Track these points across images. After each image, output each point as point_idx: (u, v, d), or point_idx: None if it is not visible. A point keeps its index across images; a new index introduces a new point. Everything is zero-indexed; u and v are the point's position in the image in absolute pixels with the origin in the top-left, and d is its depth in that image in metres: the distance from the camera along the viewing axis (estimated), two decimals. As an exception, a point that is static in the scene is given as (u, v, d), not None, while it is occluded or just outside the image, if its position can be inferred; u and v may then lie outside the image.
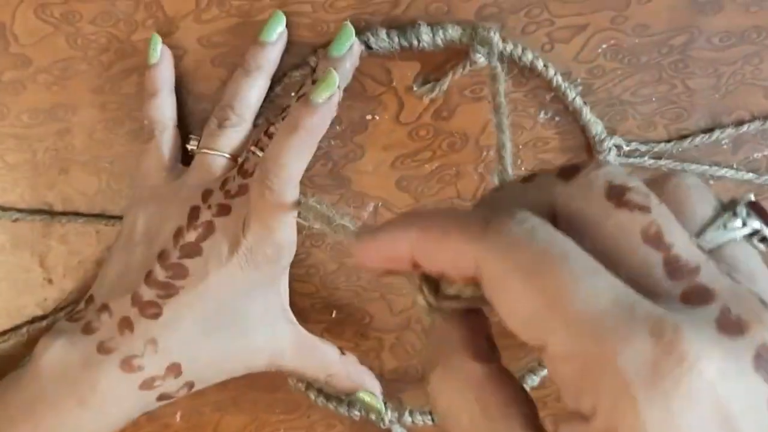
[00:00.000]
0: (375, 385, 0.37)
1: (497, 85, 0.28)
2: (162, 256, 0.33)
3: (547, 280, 0.15)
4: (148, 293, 0.32)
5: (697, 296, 0.16)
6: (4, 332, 0.38)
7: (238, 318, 0.33)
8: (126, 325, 0.32)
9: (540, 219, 0.17)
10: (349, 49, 0.33)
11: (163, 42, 0.35)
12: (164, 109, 0.35)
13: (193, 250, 0.32)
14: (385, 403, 0.37)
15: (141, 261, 0.33)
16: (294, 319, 0.35)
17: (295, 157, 0.31)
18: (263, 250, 0.32)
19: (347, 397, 0.37)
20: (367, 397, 0.36)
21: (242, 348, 0.33)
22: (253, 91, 0.35)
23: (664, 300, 0.16)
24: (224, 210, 0.32)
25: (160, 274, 0.32)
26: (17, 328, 0.38)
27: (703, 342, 0.15)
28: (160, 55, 0.34)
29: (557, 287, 0.15)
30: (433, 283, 0.19)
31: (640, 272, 0.16)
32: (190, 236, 0.32)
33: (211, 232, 0.32)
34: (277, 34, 0.34)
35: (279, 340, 0.34)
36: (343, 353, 0.36)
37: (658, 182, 0.19)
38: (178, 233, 0.33)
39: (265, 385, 0.39)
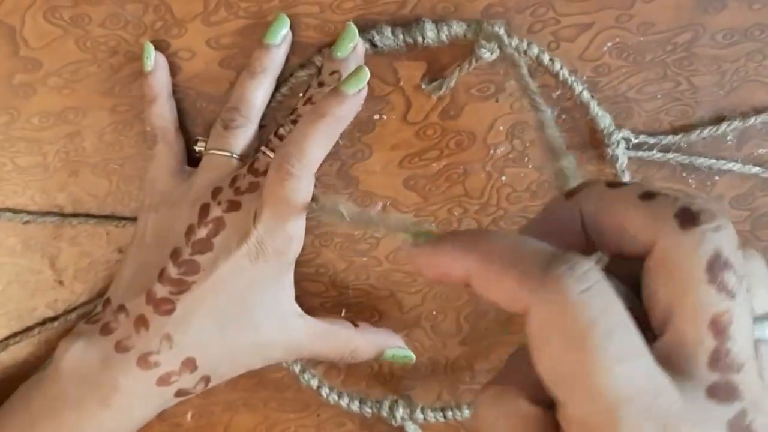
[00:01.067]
0: (396, 339, 0.38)
1: (520, 70, 0.28)
2: (174, 254, 0.33)
3: (582, 356, 0.16)
4: (161, 290, 0.33)
5: (723, 392, 0.17)
6: (16, 334, 0.38)
7: (248, 311, 0.33)
8: (142, 323, 0.33)
9: (598, 279, 0.17)
10: (352, 50, 0.34)
11: (172, 44, 0.35)
12: (164, 114, 0.35)
13: (204, 246, 0.33)
14: (396, 400, 0.38)
15: (154, 261, 0.34)
16: (302, 312, 0.35)
17: (318, 143, 0.31)
18: (273, 241, 0.32)
19: (359, 394, 0.38)
20: (396, 352, 0.37)
21: (254, 341, 0.34)
22: (258, 93, 0.35)
23: (692, 386, 0.17)
24: (234, 206, 0.33)
25: (172, 271, 0.33)
26: (29, 330, 0.38)
27: None
28: (154, 62, 0.35)
29: (589, 364, 0.16)
30: None
31: (688, 348, 0.17)
32: (201, 233, 0.33)
33: (221, 228, 0.33)
34: (281, 36, 0.34)
35: (291, 333, 0.34)
36: (356, 325, 0.37)
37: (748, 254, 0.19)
38: (190, 231, 0.33)
39: (275, 385, 0.39)
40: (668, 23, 0.35)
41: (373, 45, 0.34)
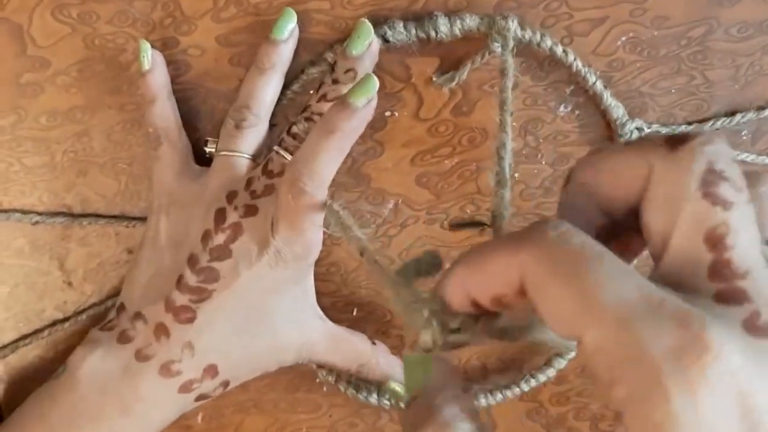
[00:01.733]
0: None
1: (505, 81, 0.28)
2: (191, 260, 0.33)
3: (581, 280, 0.16)
4: (180, 298, 0.32)
5: (731, 297, 0.17)
6: (26, 336, 0.37)
7: (268, 316, 0.33)
8: (162, 331, 0.32)
9: (567, 225, 0.18)
10: (368, 48, 0.33)
11: (181, 41, 0.35)
12: (165, 113, 0.35)
13: (222, 253, 0.32)
14: None
15: (170, 266, 0.33)
16: (322, 314, 0.35)
17: (330, 159, 0.31)
18: (292, 249, 0.32)
19: (377, 387, 0.37)
20: (398, 388, 0.36)
21: (273, 345, 0.33)
22: (268, 89, 0.34)
23: (698, 297, 0.17)
24: (251, 211, 0.32)
25: (191, 278, 0.32)
26: (38, 332, 0.37)
27: (728, 336, 0.15)
28: (152, 61, 0.34)
29: (589, 286, 0.16)
30: (440, 318, 0.20)
31: (686, 266, 0.18)
32: (219, 239, 0.32)
33: (239, 234, 0.32)
34: (288, 31, 0.34)
35: (308, 335, 0.34)
36: (374, 343, 0.36)
37: (755, 176, 0.19)
38: (206, 236, 0.33)
39: (286, 386, 0.39)
40: (682, 17, 0.35)
41: (386, 40, 0.34)
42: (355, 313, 0.38)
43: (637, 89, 0.36)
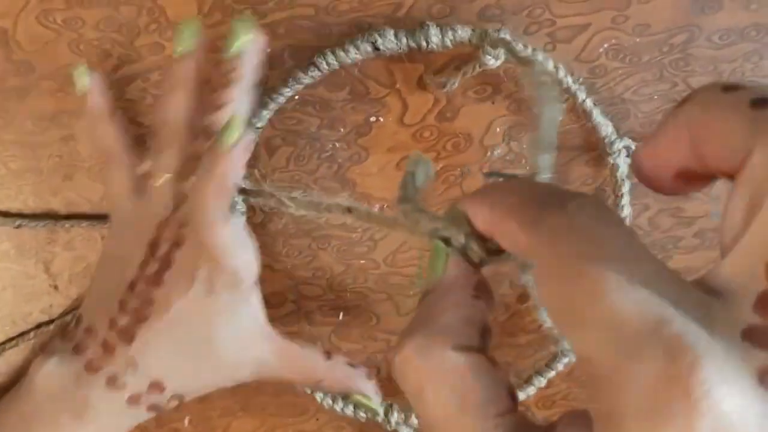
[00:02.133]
0: (367, 387, 0.35)
1: (529, 78, 0.29)
2: (131, 284, 0.33)
3: (578, 283, 0.15)
4: (122, 319, 0.33)
5: (761, 337, 0.14)
6: (12, 339, 0.38)
7: (208, 341, 0.33)
8: (107, 347, 0.33)
9: (594, 208, 0.16)
10: (243, 48, 0.32)
11: (166, 47, 0.35)
12: (106, 136, 0.34)
13: (156, 281, 0.32)
14: (390, 405, 0.37)
15: (114, 287, 0.33)
16: (272, 332, 0.34)
17: (213, 200, 0.31)
18: (221, 278, 0.32)
19: (351, 399, 0.37)
20: (363, 400, 0.36)
21: (220, 366, 0.33)
22: (174, 108, 0.34)
23: (726, 319, 0.15)
24: (179, 241, 0.32)
25: (130, 301, 0.33)
26: (24, 335, 0.38)
27: (723, 380, 0.13)
28: (90, 84, 0.34)
29: (586, 292, 0.15)
30: (477, 240, 0.20)
31: (737, 281, 0.15)
32: (152, 268, 0.33)
33: (169, 265, 0.32)
34: (186, 46, 0.33)
35: (257, 355, 0.34)
36: (329, 357, 0.35)
37: None
38: (144, 264, 0.33)
39: (273, 390, 0.39)
40: (664, 24, 0.35)
41: (375, 48, 0.34)
42: (341, 318, 0.39)
43: (619, 96, 0.36)
